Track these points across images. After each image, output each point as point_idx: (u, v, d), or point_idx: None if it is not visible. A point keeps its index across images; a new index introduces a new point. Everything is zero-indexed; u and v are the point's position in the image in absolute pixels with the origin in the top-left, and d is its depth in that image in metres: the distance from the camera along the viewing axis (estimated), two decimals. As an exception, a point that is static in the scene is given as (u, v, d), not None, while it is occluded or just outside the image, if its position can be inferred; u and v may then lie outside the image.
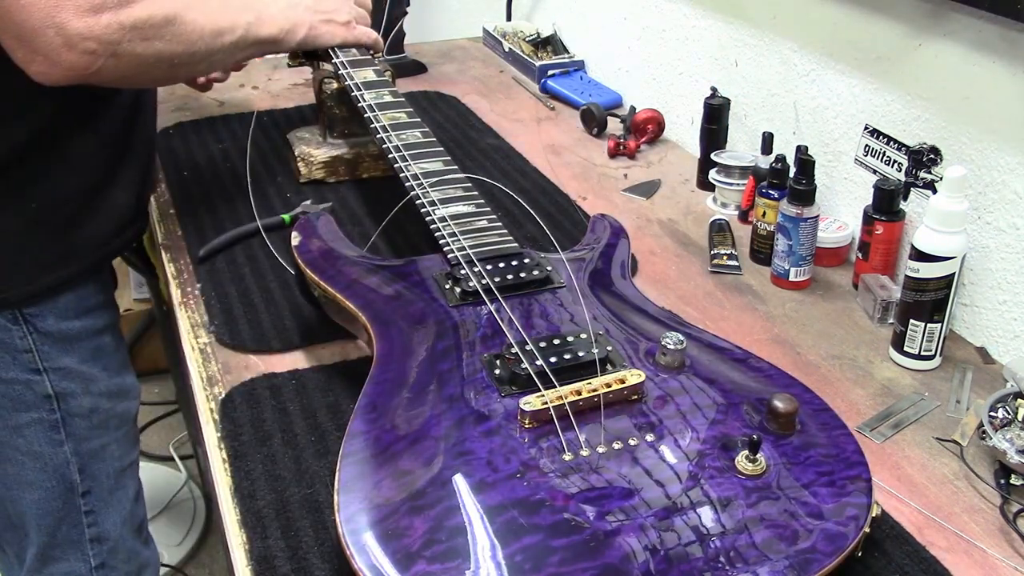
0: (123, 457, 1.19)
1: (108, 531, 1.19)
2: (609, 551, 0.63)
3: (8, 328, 1.05)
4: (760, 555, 0.64)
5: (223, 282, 1.09)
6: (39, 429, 1.10)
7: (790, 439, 0.73)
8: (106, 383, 1.14)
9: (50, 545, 1.17)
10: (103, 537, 1.19)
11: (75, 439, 1.12)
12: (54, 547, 1.17)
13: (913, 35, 1.06)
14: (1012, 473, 0.81)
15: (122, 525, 1.20)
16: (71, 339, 1.09)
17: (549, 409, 0.73)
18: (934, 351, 0.97)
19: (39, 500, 1.14)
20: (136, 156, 1.13)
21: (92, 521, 1.17)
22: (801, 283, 1.11)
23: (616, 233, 1.05)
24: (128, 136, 1.12)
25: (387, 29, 1.77)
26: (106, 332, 1.14)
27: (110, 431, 1.16)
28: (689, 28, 1.47)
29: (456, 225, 0.97)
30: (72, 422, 1.12)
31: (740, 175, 1.29)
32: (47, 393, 1.09)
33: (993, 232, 0.99)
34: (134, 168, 1.13)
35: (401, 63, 1.80)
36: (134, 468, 1.22)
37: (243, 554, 0.73)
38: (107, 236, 1.11)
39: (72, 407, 1.11)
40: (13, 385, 1.08)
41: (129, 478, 1.21)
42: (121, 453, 1.18)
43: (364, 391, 0.77)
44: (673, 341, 0.79)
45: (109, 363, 1.14)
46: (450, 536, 0.63)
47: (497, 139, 1.50)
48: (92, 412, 1.13)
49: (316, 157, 1.32)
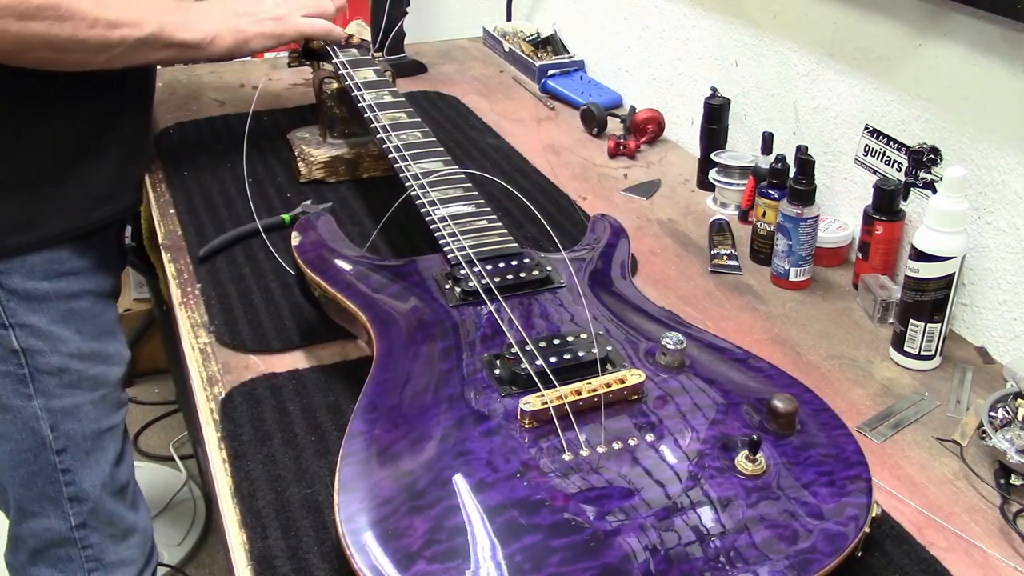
0: (100, 420, 1.21)
1: (87, 491, 1.21)
2: (609, 551, 0.63)
3: None
4: (760, 555, 0.64)
5: (223, 282, 1.09)
6: (7, 382, 1.14)
7: (790, 439, 0.73)
8: (78, 345, 1.16)
9: (27, 499, 1.19)
10: (81, 497, 1.21)
11: (44, 395, 1.15)
12: (31, 501, 1.20)
13: (913, 35, 1.06)
14: (1012, 473, 0.81)
15: (101, 488, 1.22)
16: (38, 299, 1.13)
17: (549, 409, 0.73)
18: (934, 351, 0.97)
19: (11, 452, 1.17)
20: (120, 134, 1.16)
21: (69, 480, 1.19)
22: (801, 283, 1.11)
23: (616, 233, 1.05)
24: (111, 114, 1.14)
25: (387, 29, 1.77)
26: (82, 297, 1.17)
27: (83, 391, 1.18)
28: (689, 28, 1.47)
29: (456, 225, 0.97)
30: (41, 378, 1.14)
31: (740, 175, 1.29)
32: (13, 348, 1.13)
33: (993, 232, 0.99)
34: (116, 146, 1.16)
35: (401, 63, 1.80)
36: (115, 432, 1.24)
37: (243, 554, 0.73)
38: (81, 207, 1.14)
39: (40, 364, 1.14)
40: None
41: (109, 441, 1.22)
42: (98, 415, 1.20)
43: (364, 391, 0.77)
44: (673, 341, 0.79)
45: (83, 327, 1.17)
46: (450, 536, 0.63)
47: (497, 139, 1.50)
48: (61, 371, 1.16)
49: (316, 157, 1.32)
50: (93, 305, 1.19)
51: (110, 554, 1.25)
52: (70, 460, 1.19)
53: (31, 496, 1.19)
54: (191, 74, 1.79)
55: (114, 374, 1.22)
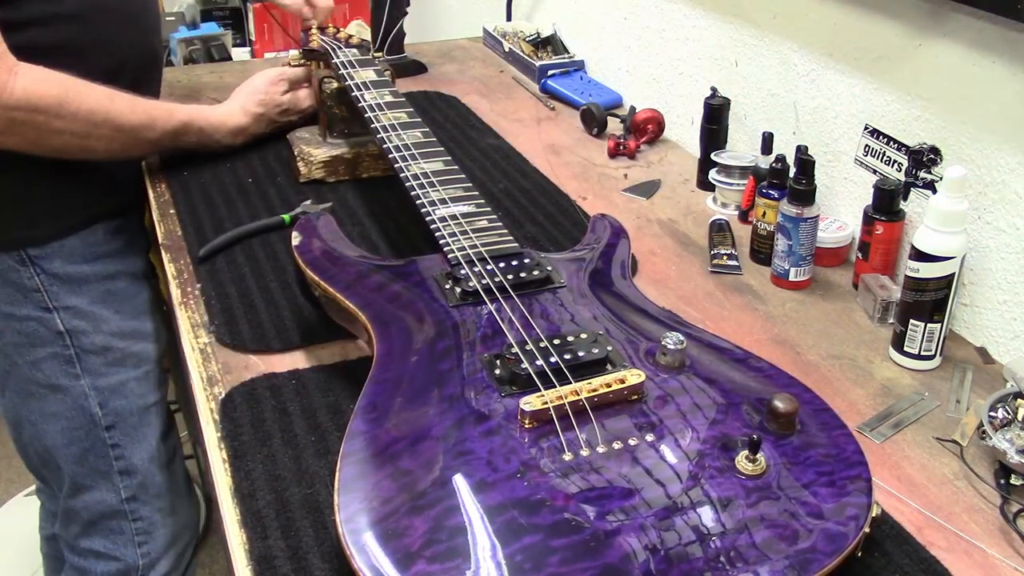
0: (145, 395, 1.28)
1: (136, 465, 1.28)
2: (609, 551, 0.63)
3: (16, 269, 1.18)
4: (760, 555, 0.63)
5: (223, 282, 1.09)
6: (55, 363, 1.22)
7: (790, 439, 0.73)
8: (118, 324, 1.24)
9: (80, 474, 1.27)
10: (131, 470, 1.28)
11: (91, 374, 1.23)
12: (84, 476, 1.27)
13: (913, 35, 1.06)
14: (1012, 473, 0.81)
15: (149, 461, 1.29)
16: (79, 281, 1.21)
17: (549, 409, 0.73)
18: (934, 351, 0.97)
19: (63, 430, 1.24)
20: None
21: (119, 455, 1.27)
22: (801, 283, 1.11)
23: (616, 233, 1.05)
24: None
25: (387, 29, 1.77)
26: (119, 278, 1.26)
27: (127, 368, 1.26)
28: (689, 28, 1.47)
29: (456, 225, 0.97)
30: (86, 358, 1.23)
31: (740, 175, 1.29)
32: (59, 329, 1.20)
33: (993, 232, 0.99)
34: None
35: (401, 63, 1.80)
36: (159, 408, 1.31)
37: (243, 554, 0.73)
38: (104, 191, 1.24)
39: (84, 344, 1.22)
40: (27, 322, 1.20)
41: (154, 416, 1.30)
42: (143, 391, 1.28)
43: (364, 391, 0.77)
44: (673, 341, 0.79)
45: (122, 306, 1.25)
46: (450, 536, 0.63)
47: (497, 139, 1.50)
48: (105, 350, 1.23)
49: (316, 157, 1.32)
50: (129, 285, 1.26)
51: (159, 526, 1.32)
52: (119, 435, 1.26)
53: (84, 471, 1.26)
54: (191, 74, 1.79)
55: (154, 351, 1.29)
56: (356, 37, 1.42)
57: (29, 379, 1.22)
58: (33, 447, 1.29)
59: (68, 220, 1.20)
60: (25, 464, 1.39)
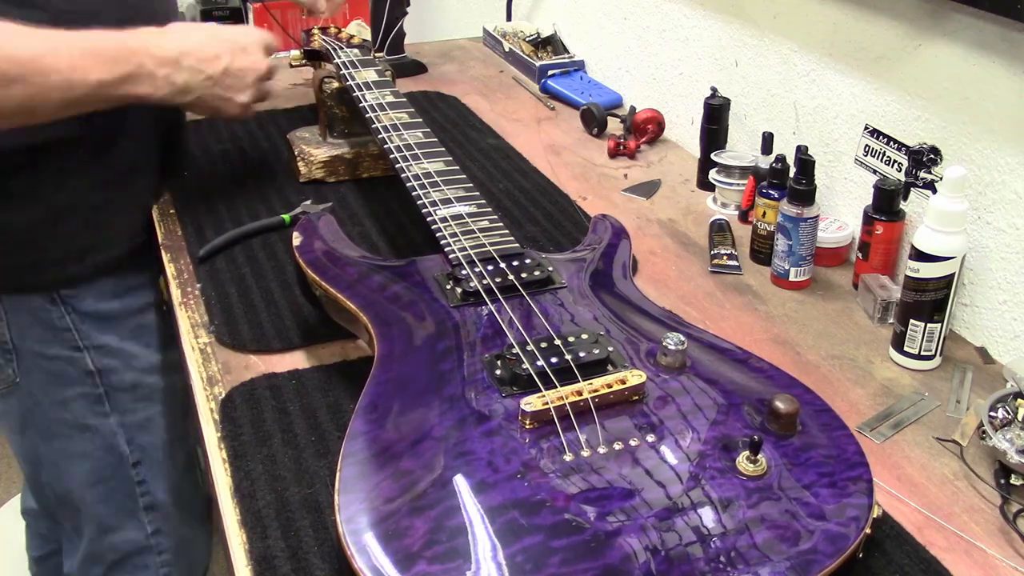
0: (171, 428, 1.24)
1: (161, 500, 1.25)
2: (610, 552, 0.63)
3: (47, 308, 1.12)
4: (761, 556, 0.63)
5: (223, 282, 1.09)
6: (84, 403, 1.16)
7: (791, 440, 0.73)
8: (148, 359, 1.20)
9: (106, 515, 1.23)
10: (156, 505, 1.25)
11: (120, 412, 1.19)
12: (110, 516, 1.23)
13: (913, 35, 1.06)
14: (1012, 473, 0.81)
15: (171, 492, 1.26)
16: (110, 319, 1.16)
17: (550, 409, 0.73)
18: (934, 351, 0.97)
19: (91, 471, 1.20)
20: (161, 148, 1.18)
21: (145, 491, 1.23)
22: (801, 283, 1.11)
23: (617, 234, 1.05)
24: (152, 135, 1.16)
25: (387, 29, 1.77)
26: (147, 311, 1.20)
27: (155, 404, 1.22)
28: (689, 28, 1.47)
29: (457, 225, 0.97)
30: (115, 395, 1.18)
31: (740, 175, 1.29)
32: (88, 369, 1.15)
33: (993, 232, 1.00)
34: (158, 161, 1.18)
35: (401, 63, 1.80)
36: (185, 439, 1.28)
37: (243, 554, 0.73)
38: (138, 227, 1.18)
39: (114, 382, 1.17)
40: (56, 361, 1.14)
41: (179, 449, 1.26)
42: (169, 424, 1.24)
43: (365, 391, 0.77)
44: (674, 342, 0.79)
45: (151, 340, 1.21)
46: (451, 537, 0.63)
47: (497, 139, 1.50)
48: (135, 386, 1.19)
49: (316, 157, 1.32)
50: (155, 316, 1.22)
51: (181, 556, 1.29)
52: (145, 471, 1.22)
53: (110, 511, 1.22)
54: (191, 74, 1.79)
55: (180, 382, 1.24)
56: (357, 37, 1.42)
57: (54, 419, 1.17)
58: (52, 488, 1.23)
59: (101, 260, 1.13)
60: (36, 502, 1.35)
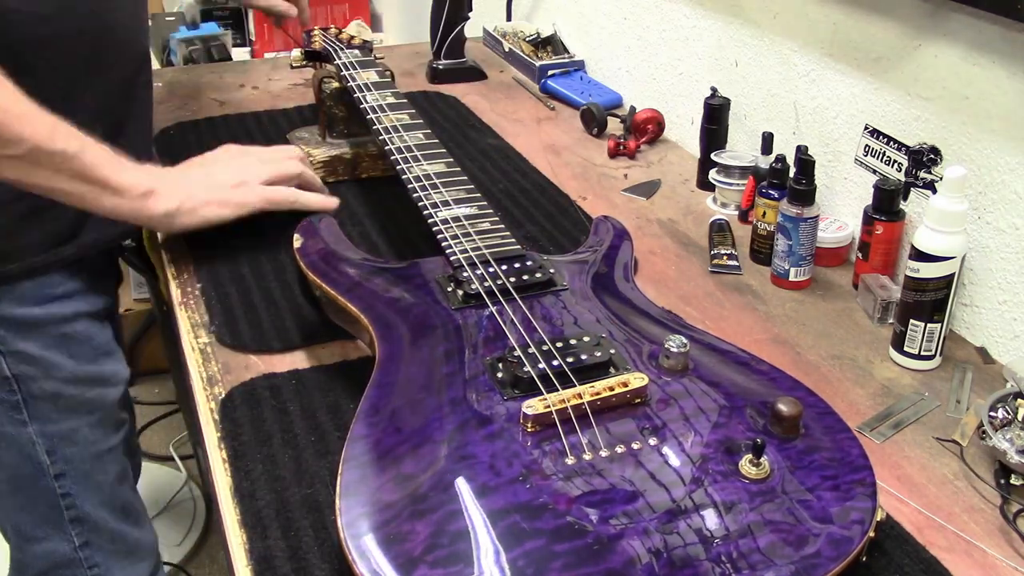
0: (99, 442, 1.18)
1: (88, 512, 1.19)
2: (612, 555, 0.63)
3: None
4: (764, 559, 0.64)
5: (223, 282, 1.09)
6: (1, 409, 1.11)
7: (794, 443, 0.73)
8: (72, 370, 1.14)
9: (28, 524, 1.18)
10: (83, 518, 1.19)
11: (39, 421, 1.13)
12: (33, 526, 1.18)
13: (913, 35, 1.06)
14: (1012, 473, 0.81)
15: (102, 507, 1.20)
16: (31, 325, 1.10)
17: (552, 412, 0.73)
18: (934, 351, 0.97)
19: (7, 479, 1.15)
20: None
21: (70, 503, 1.18)
22: (801, 283, 1.11)
23: (619, 235, 1.05)
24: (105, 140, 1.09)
25: (445, 32, 1.74)
26: (76, 320, 1.14)
27: (80, 416, 1.16)
28: (689, 28, 1.47)
29: (459, 227, 0.97)
30: (35, 404, 1.12)
31: (740, 175, 1.29)
32: (4, 375, 1.10)
33: (993, 232, 1.00)
34: None
35: (460, 68, 1.75)
36: (116, 452, 1.22)
37: (243, 554, 0.73)
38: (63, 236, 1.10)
39: (33, 390, 1.12)
40: None
41: (110, 462, 1.21)
42: (96, 438, 1.18)
43: (366, 394, 0.77)
44: (676, 344, 0.79)
45: (77, 351, 1.14)
46: (452, 541, 0.63)
47: (497, 139, 1.50)
48: (56, 396, 1.13)
49: (316, 157, 1.32)
50: (88, 327, 1.15)
51: (116, 571, 1.24)
52: (70, 484, 1.17)
53: (32, 521, 1.18)
54: (191, 74, 1.79)
55: (112, 395, 1.19)
56: (358, 38, 1.42)
57: None
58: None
59: (22, 263, 1.07)
60: None
